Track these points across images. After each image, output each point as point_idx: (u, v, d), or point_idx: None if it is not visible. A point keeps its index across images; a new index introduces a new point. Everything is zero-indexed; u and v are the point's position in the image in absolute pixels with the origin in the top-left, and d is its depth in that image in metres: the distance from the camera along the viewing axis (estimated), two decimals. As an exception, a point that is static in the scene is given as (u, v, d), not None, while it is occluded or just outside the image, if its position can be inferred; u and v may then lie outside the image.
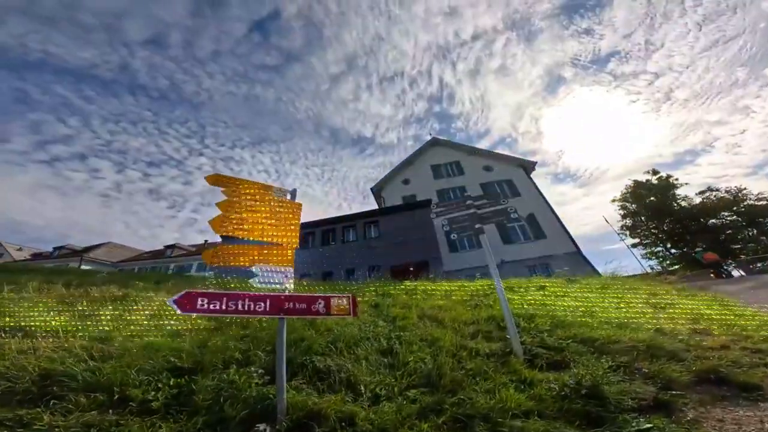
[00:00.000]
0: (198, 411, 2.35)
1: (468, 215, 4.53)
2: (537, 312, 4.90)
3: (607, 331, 3.91)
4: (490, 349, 3.65)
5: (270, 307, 2.52)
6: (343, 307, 2.79)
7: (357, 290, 6.64)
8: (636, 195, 35.45)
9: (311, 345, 3.48)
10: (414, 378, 2.99)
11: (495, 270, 4.12)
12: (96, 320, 4.21)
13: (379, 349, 3.65)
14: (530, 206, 21.03)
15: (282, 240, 2.93)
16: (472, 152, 25.96)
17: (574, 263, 17.46)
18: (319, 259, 18.43)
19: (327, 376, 2.92)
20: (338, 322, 4.44)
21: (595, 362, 3.07)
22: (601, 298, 5.82)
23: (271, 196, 3.03)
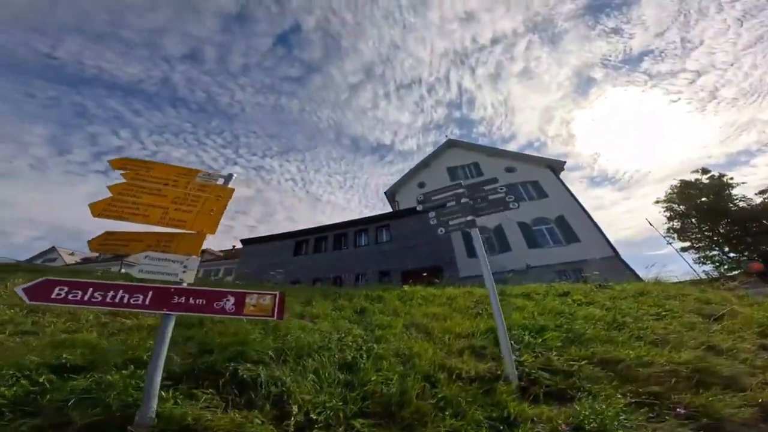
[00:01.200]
0: (38, 412, 1.94)
1: (460, 206, 3.78)
2: (549, 324, 4.00)
3: (638, 349, 2.98)
4: (476, 371, 2.86)
5: (151, 301, 2.12)
6: (264, 307, 2.27)
7: (346, 294, 6.00)
8: (684, 195, 32.10)
9: (245, 350, 2.88)
10: (369, 403, 2.34)
11: (488, 272, 3.33)
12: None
13: (339, 362, 3.00)
14: (559, 208, 19.42)
15: (192, 227, 2.48)
16: (493, 153, 24.68)
17: (613, 268, 15.78)
18: (330, 263, 18.09)
19: (251, 390, 2.35)
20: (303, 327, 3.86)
21: (613, 393, 2.20)
22: (636, 307, 4.74)
23: (191, 179, 2.66)
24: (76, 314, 3.90)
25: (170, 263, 2.28)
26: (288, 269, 18.71)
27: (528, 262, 17.25)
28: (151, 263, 2.25)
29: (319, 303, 5.34)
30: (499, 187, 3.75)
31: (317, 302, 5.40)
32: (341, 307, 5.13)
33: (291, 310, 4.92)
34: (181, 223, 2.45)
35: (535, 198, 20.45)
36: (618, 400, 2.09)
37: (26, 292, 1.92)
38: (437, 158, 25.64)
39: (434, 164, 25.20)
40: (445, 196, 3.93)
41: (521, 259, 17.51)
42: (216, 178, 2.76)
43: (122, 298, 2.08)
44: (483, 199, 3.73)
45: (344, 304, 5.37)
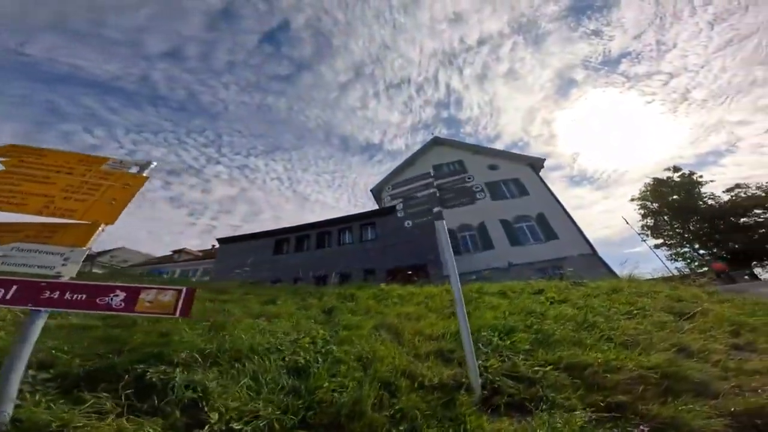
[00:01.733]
0: None
1: (426, 196, 3.55)
2: (519, 324, 3.83)
3: (607, 352, 2.82)
4: (440, 378, 2.63)
5: (14, 296, 1.85)
6: (163, 304, 1.97)
7: (317, 292, 5.70)
8: (657, 193, 33.29)
9: (164, 351, 2.56)
10: (314, 412, 2.07)
11: (453, 269, 3.10)
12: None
13: (289, 365, 2.71)
14: (540, 206, 19.63)
15: (83, 216, 2.22)
16: (477, 151, 24.77)
17: (590, 265, 16.07)
18: (313, 262, 17.66)
19: (160, 395, 2.05)
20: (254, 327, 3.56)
21: (576, 405, 2.02)
22: (608, 305, 4.65)
23: (95, 167, 2.43)
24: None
25: (45, 255, 2.00)
26: (268, 268, 18.20)
27: (510, 260, 17.35)
28: (19, 255, 1.97)
29: (283, 302, 5.03)
30: (466, 177, 3.53)
31: (282, 301, 5.09)
32: (308, 306, 4.84)
33: (249, 309, 4.61)
34: (69, 213, 2.19)
35: (516, 196, 20.61)
36: (579, 416, 1.89)
37: None
38: (423, 156, 25.52)
39: (420, 162, 25.09)
40: (412, 187, 3.69)
41: (504, 257, 17.60)
42: (128, 166, 2.53)
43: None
44: (450, 190, 3.51)
45: (313, 303, 5.08)
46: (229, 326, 3.48)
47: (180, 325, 3.22)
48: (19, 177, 2.20)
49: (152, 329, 3.11)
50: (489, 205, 20.00)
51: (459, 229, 19.39)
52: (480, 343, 3.32)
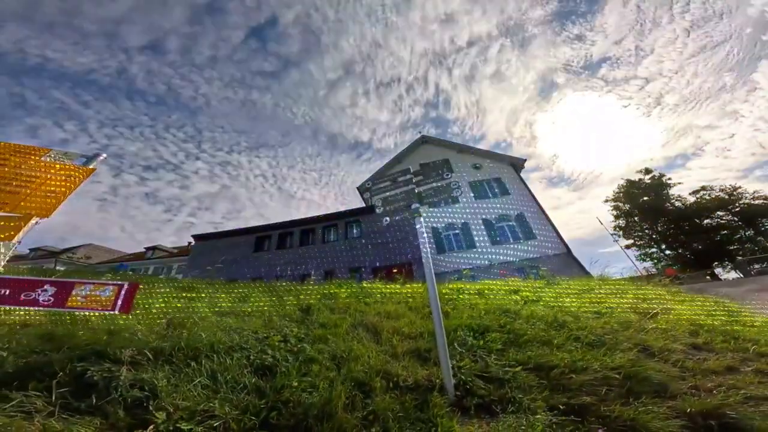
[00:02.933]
0: None
1: (404, 193, 3.53)
2: (493, 324, 3.90)
3: (574, 352, 2.91)
4: (415, 379, 2.63)
5: None
6: (101, 300, 1.94)
7: (295, 290, 5.60)
8: (629, 195, 34.76)
9: (108, 349, 2.41)
10: (279, 413, 2.00)
11: (430, 270, 3.10)
12: None
13: (255, 364, 2.63)
14: (519, 206, 20.08)
15: (15, 210, 2.10)
16: (462, 150, 25.02)
17: (565, 265, 16.64)
18: (295, 259, 17.42)
19: (100, 394, 1.96)
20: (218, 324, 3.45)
21: (541, 406, 2.07)
22: (578, 304, 4.82)
23: (34, 159, 2.28)
24: None
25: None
26: (248, 266, 17.79)
27: (491, 259, 17.70)
28: None
29: (257, 299, 4.92)
30: (445, 175, 3.54)
31: (255, 298, 4.97)
32: (284, 305, 4.75)
33: (218, 307, 4.47)
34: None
35: (498, 195, 21.00)
36: (540, 419, 1.94)
37: None
38: (410, 154, 25.53)
39: (407, 160, 25.10)
40: (390, 184, 3.67)
41: (485, 256, 17.94)
42: (73, 158, 2.40)
43: None
44: (428, 186, 3.52)
45: (290, 301, 4.99)
46: (189, 324, 3.36)
47: (134, 322, 3.08)
48: None
49: (101, 327, 2.96)
50: (472, 205, 20.29)
51: (444, 229, 19.59)
52: (455, 342, 3.35)
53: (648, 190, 33.59)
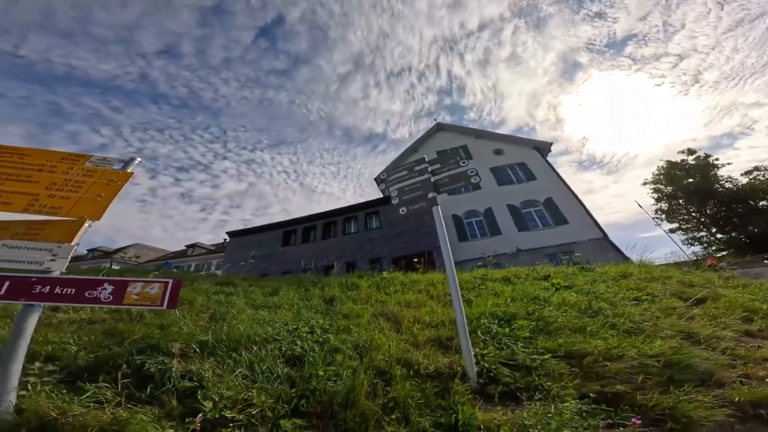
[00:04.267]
0: None
1: (420, 182, 3.44)
2: (520, 311, 3.76)
3: (610, 339, 2.73)
4: (436, 367, 2.60)
5: (8, 292, 1.92)
6: (150, 296, 2.01)
7: (320, 282, 5.70)
8: (670, 177, 32.13)
9: (162, 342, 2.60)
10: (308, 401, 2.08)
11: (448, 255, 3.01)
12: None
13: (286, 355, 2.73)
14: (548, 190, 19.19)
15: (69, 213, 2.25)
16: (480, 135, 24.22)
17: (601, 250, 15.78)
18: (319, 252, 17.78)
19: (157, 384, 2.10)
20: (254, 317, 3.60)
21: (572, 394, 1.95)
22: (615, 291, 4.52)
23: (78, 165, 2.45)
24: (8, 309, 3.56)
25: (33, 251, 2.05)
26: (277, 260, 18.43)
27: (518, 246, 17.13)
28: (8, 251, 2.02)
29: (285, 293, 5.05)
30: (461, 162, 3.41)
31: (284, 292, 5.11)
32: (311, 297, 4.85)
33: (253, 300, 4.65)
34: (54, 210, 2.23)
35: (523, 180, 20.19)
36: (568, 406, 1.83)
37: None
38: (426, 143, 25.12)
39: (423, 149, 24.72)
40: (406, 174, 3.59)
41: (512, 243, 17.38)
42: (112, 163, 2.55)
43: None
44: (445, 175, 3.40)
45: (315, 292, 5.09)
46: (229, 317, 3.53)
47: (181, 317, 3.26)
48: (1, 177, 2.25)
49: (153, 322, 3.16)
50: (495, 191, 19.66)
51: (465, 216, 19.17)
52: (479, 330, 3.27)
53: (693, 171, 30.90)
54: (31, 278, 1.97)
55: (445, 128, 25.85)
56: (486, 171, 20.77)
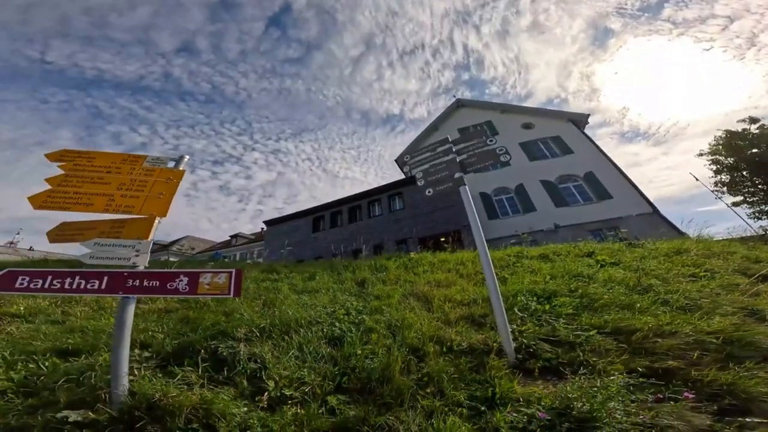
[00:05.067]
0: (35, 393, 2.02)
1: (445, 163, 3.35)
2: (562, 288, 3.62)
3: (661, 316, 2.56)
4: (470, 343, 2.62)
5: (107, 286, 2.12)
6: (219, 285, 2.17)
7: (350, 266, 5.84)
8: (731, 147, 28.41)
9: (228, 328, 2.83)
10: (348, 378, 2.21)
11: (479, 233, 2.94)
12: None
13: (327, 336, 2.88)
14: (588, 164, 17.89)
15: (141, 211, 2.41)
16: (507, 110, 22.78)
17: (651, 225, 14.65)
18: (347, 236, 18.12)
19: (230, 366, 2.32)
20: (298, 302, 3.81)
21: (619, 369, 1.87)
22: (668, 267, 4.19)
23: (137, 165, 2.61)
24: (101, 304, 4.04)
25: (120, 248, 2.25)
26: (309, 246, 19.10)
27: (556, 222, 16.34)
28: (101, 249, 2.22)
29: (321, 277, 5.25)
30: (488, 140, 3.25)
31: (320, 276, 5.31)
32: (343, 280, 5.00)
33: (294, 286, 4.89)
34: (129, 209, 2.40)
35: (558, 154, 18.95)
36: (615, 380, 1.75)
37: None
38: (446, 120, 24.22)
39: (444, 127, 23.87)
40: (430, 155, 3.50)
41: (548, 219, 16.60)
42: (165, 162, 2.68)
43: (79, 284, 2.10)
44: (471, 154, 3.27)
45: (347, 276, 5.24)
46: (278, 303, 3.75)
47: (239, 304, 3.52)
48: (79, 180, 2.43)
49: (217, 309, 3.44)
50: (526, 166, 18.66)
51: (495, 193, 18.48)
52: (515, 308, 3.21)
53: (758, 141, 27.12)
54: (124, 273, 2.18)
55: (466, 104, 24.67)
56: (515, 146, 19.72)
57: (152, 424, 1.72)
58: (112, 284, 2.12)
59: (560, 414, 1.54)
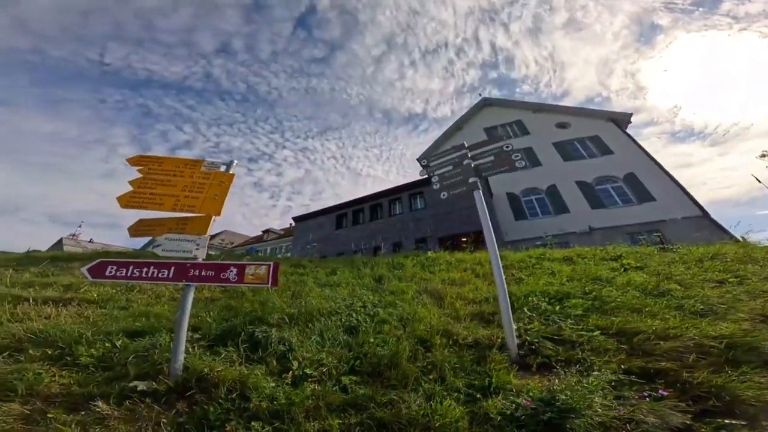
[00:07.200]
0: (111, 367, 2.41)
1: (460, 168, 3.48)
2: (576, 290, 3.63)
3: (671, 320, 2.54)
4: (475, 338, 2.77)
5: (174, 274, 2.49)
6: (260, 276, 2.49)
7: (369, 263, 6.09)
8: (799, 148, 25.35)
9: (263, 315, 3.20)
10: (361, 362, 2.47)
11: (490, 234, 3.07)
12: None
13: (344, 325, 3.17)
14: (628, 165, 16.86)
15: (200, 210, 2.75)
16: (539, 109, 21.84)
17: (699, 228, 13.58)
18: (368, 234, 18.33)
19: (263, 348, 2.66)
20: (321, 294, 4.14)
21: (613, 368, 1.95)
22: (695, 272, 4.02)
23: (197, 169, 2.93)
24: (156, 292, 4.60)
25: (185, 242, 2.61)
26: (332, 242, 19.63)
27: (591, 224, 15.61)
28: (170, 243, 2.60)
29: (342, 272, 5.55)
30: (504, 145, 3.34)
31: (341, 272, 5.62)
32: (362, 276, 5.26)
33: (318, 279, 5.24)
34: (191, 208, 2.72)
35: (596, 155, 18.01)
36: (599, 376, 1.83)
37: (89, 271, 2.47)
38: (471, 119, 23.68)
39: (468, 126, 23.33)
40: (446, 160, 3.64)
41: (583, 221, 15.88)
42: (218, 166, 2.98)
43: (153, 273, 2.49)
44: (487, 159, 3.38)
45: (366, 272, 5.50)
46: (304, 294, 4.11)
47: (272, 294, 3.92)
48: (152, 182, 2.80)
49: (254, 299, 3.84)
50: (559, 166, 17.95)
51: (523, 193, 17.91)
52: (526, 307, 3.30)
53: None
54: (186, 264, 2.50)
55: (493, 103, 24.00)
56: (547, 146, 19.00)
57: (200, 393, 2.07)
58: (178, 273, 2.48)
59: (545, 403, 1.66)
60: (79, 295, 4.32)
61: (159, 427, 1.83)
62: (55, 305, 3.98)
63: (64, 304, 4.04)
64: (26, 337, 2.85)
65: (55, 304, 3.99)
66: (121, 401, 1.99)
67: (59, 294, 4.37)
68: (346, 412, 1.93)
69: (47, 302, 4.06)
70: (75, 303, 4.09)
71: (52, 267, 6.09)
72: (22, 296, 4.16)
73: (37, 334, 2.86)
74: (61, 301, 4.10)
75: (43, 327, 3.02)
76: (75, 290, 4.54)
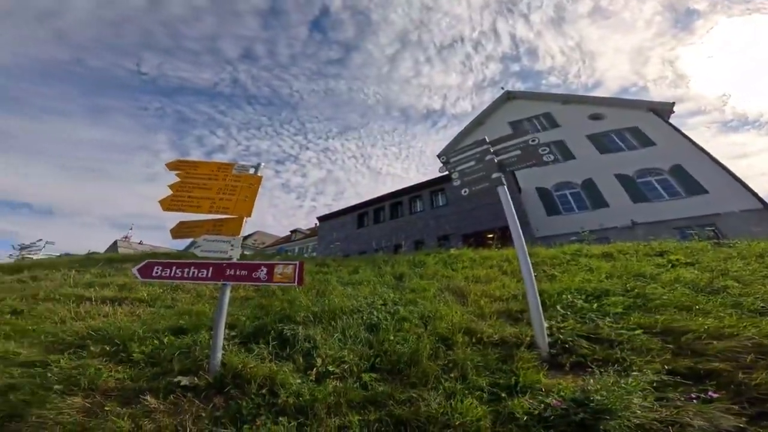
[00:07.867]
0: (158, 363, 2.59)
1: (482, 164, 3.38)
2: (616, 287, 3.40)
3: (726, 319, 2.30)
4: (501, 336, 2.68)
5: (212, 274, 2.64)
6: (287, 275, 2.59)
7: (390, 261, 6.05)
8: None
9: (291, 313, 3.32)
10: (381, 360, 2.48)
11: (517, 229, 2.96)
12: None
13: (366, 323, 3.19)
14: (674, 156, 15.52)
15: (233, 212, 2.88)
16: (569, 101, 20.59)
17: (761, 223, 12.29)
18: (389, 232, 18.23)
19: (291, 345, 2.76)
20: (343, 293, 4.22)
21: (657, 368, 1.80)
22: (756, 268, 3.60)
23: (228, 172, 3.06)
24: (199, 292, 4.91)
25: (221, 243, 2.75)
26: (354, 241, 19.77)
27: (633, 219, 14.56)
28: (207, 244, 2.75)
29: (363, 271, 5.59)
30: (530, 139, 3.19)
31: (363, 270, 5.66)
32: (383, 274, 5.26)
33: (341, 278, 5.31)
34: (225, 209, 2.87)
35: (636, 147, 16.74)
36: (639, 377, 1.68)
37: (138, 271, 2.66)
38: (494, 114, 22.85)
39: (490, 121, 22.53)
40: (467, 156, 3.55)
41: (624, 216, 14.83)
42: (248, 169, 3.11)
43: (193, 273, 2.66)
44: (512, 153, 3.25)
45: (387, 270, 5.49)
46: (327, 293, 4.21)
47: (299, 293, 4.07)
48: (190, 185, 2.95)
49: (283, 297, 4.01)
50: (596, 159, 16.88)
51: (555, 188, 17.01)
52: (559, 305, 3.14)
53: None
54: (223, 264, 2.63)
55: (517, 96, 23.01)
56: (581, 139, 17.93)
57: (235, 389, 2.19)
58: (216, 273, 2.64)
59: (578, 404, 1.57)
60: (132, 294, 4.71)
61: (198, 420, 1.95)
62: (112, 304, 4.39)
63: (119, 303, 4.45)
64: (88, 334, 3.15)
65: (111, 303, 4.41)
66: (167, 395, 2.14)
67: (115, 293, 4.81)
68: (365, 408, 1.95)
69: (105, 301, 4.50)
70: (128, 302, 4.48)
71: (108, 268, 6.69)
72: (84, 296, 4.63)
73: (97, 332, 3.14)
74: (117, 300, 4.51)
75: (102, 325, 3.33)
76: (128, 290, 4.96)
